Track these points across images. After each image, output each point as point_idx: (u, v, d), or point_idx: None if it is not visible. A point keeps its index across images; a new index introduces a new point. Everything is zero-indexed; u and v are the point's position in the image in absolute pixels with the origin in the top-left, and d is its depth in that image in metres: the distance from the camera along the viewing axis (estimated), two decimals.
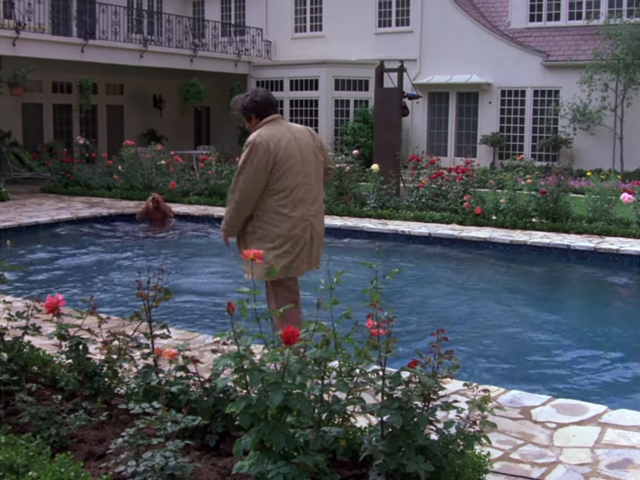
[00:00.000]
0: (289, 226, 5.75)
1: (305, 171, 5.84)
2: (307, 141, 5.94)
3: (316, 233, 5.93)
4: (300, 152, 5.83)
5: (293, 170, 5.76)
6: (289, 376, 3.34)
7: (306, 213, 5.82)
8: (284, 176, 5.73)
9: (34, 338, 5.13)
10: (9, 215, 16.16)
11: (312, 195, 5.90)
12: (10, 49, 21.39)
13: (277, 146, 5.70)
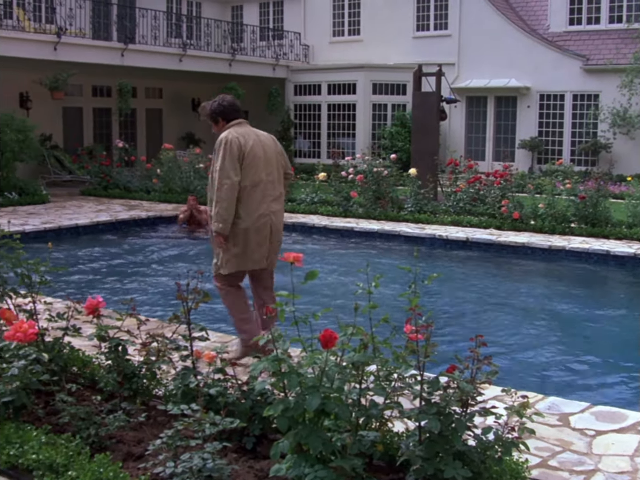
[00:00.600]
0: (251, 221, 6.13)
1: (268, 170, 6.26)
2: (270, 144, 6.38)
3: (276, 229, 6.31)
4: (264, 152, 6.26)
5: (258, 167, 6.17)
6: (327, 380, 3.35)
7: (267, 209, 6.21)
8: (250, 172, 6.13)
9: (73, 339, 5.19)
10: (49, 217, 16.35)
11: (275, 193, 6.32)
12: (52, 54, 21.64)
13: (246, 143, 6.13)
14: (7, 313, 4.85)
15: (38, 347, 4.80)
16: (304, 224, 15.97)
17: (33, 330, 4.36)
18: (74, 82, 23.71)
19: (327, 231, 15.62)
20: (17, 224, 14.36)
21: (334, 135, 29.27)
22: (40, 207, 18.39)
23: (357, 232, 15.31)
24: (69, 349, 5.20)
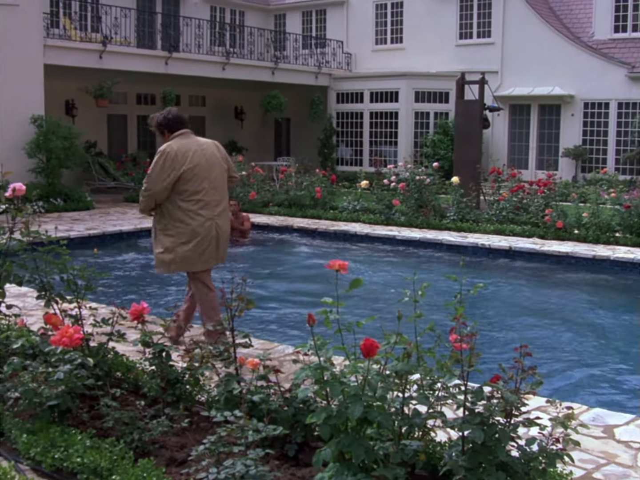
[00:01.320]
0: (197, 224, 6.61)
1: (210, 177, 6.72)
2: (212, 152, 6.86)
3: (221, 231, 6.80)
4: (206, 161, 6.72)
5: (199, 176, 6.63)
6: (370, 388, 3.34)
7: (211, 214, 6.69)
8: (191, 181, 6.58)
9: (118, 344, 5.24)
10: (94, 223, 16.53)
11: (217, 198, 6.79)
12: (97, 62, 21.90)
13: (185, 155, 6.61)
14: (54, 318, 4.91)
15: (83, 351, 4.85)
16: (346, 232, 15.97)
17: (79, 335, 4.41)
18: (118, 89, 23.98)
19: (369, 239, 15.60)
20: (63, 229, 14.53)
21: (376, 143, 29.26)
22: (84, 213, 18.61)
23: (399, 240, 15.27)
24: (113, 354, 5.24)
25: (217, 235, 6.75)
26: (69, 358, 4.53)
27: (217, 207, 6.77)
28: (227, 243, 6.98)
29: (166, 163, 6.57)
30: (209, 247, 6.71)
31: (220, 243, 6.81)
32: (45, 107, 20.12)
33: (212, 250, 6.75)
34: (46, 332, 5.05)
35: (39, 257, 5.24)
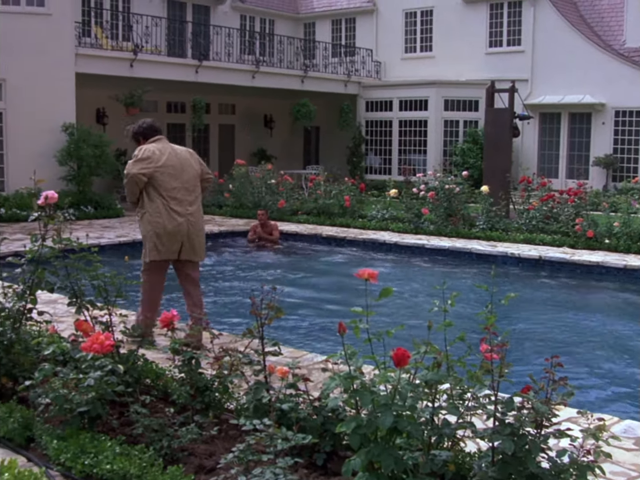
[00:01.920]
0: (170, 219, 7.14)
1: (182, 178, 7.29)
2: (185, 156, 7.45)
3: (194, 228, 7.31)
4: (179, 163, 7.31)
5: (172, 176, 7.21)
6: (400, 398, 3.33)
7: (185, 211, 7.23)
8: (165, 180, 7.16)
9: (147, 351, 5.26)
10: (123, 230, 16.64)
11: (190, 197, 7.34)
12: (128, 70, 22.09)
13: (159, 156, 7.22)
14: (84, 325, 4.94)
15: (113, 358, 4.87)
16: (375, 241, 15.95)
17: (109, 342, 4.44)
18: (149, 98, 24.14)
19: (397, 248, 15.57)
20: (93, 237, 14.63)
21: (405, 151, 29.22)
22: (115, 220, 18.75)
23: (428, 249, 15.22)
24: (142, 361, 5.27)
25: (189, 231, 7.25)
26: (99, 365, 4.55)
27: (190, 206, 7.31)
28: (202, 240, 7.48)
29: (144, 155, 7.21)
30: (176, 243, 7.22)
31: (193, 239, 7.31)
32: (77, 116, 20.32)
33: (186, 244, 7.28)
34: (77, 339, 5.08)
35: (71, 265, 5.27)
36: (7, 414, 4.76)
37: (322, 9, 33.51)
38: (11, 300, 5.27)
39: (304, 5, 34.25)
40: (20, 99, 19.48)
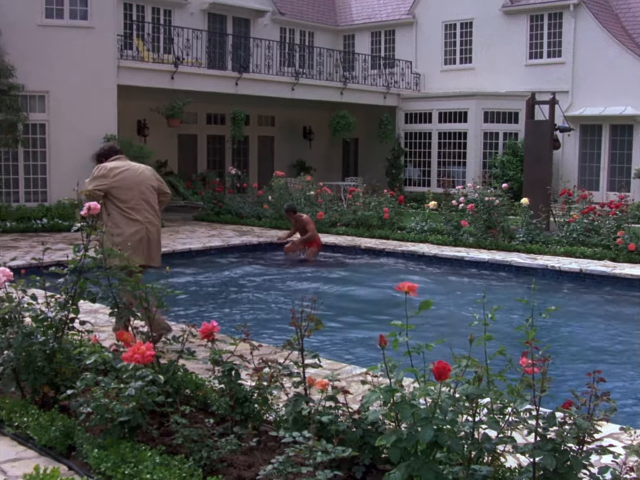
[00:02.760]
0: (129, 227, 7.83)
1: (139, 189, 7.99)
2: (141, 171, 8.18)
3: (152, 236, 7.96)
4: (135, 176, 8.04)
5: (129, 188, 7.92)
6: (441, 412, 3.31)
7: (142, 219, 7.89)
8: (122, 193, 7.87)
9: (187, 362, 5.29)
10: (164, 241, 16.61)
11: (147, 207, 7.99)
12: (169, 82, 22.30)
13: (115, 171, 7.96)
14: (126, 335, 4.98)
15: (154, 368, 4.90)
16: (414, 253, 15.90)
17: (150, 352, 4.46)
18: (189, 110, 24.35)
19: (437, 260, 15.51)
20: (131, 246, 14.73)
21: (444, 163, 29.14)
22: None
23: (467, 261, 15.14)
24: (182, 372, 5.29)
25: (148, 237, 7.93)
26: (140, 375, 4.58)
27: (149, 213, 8.02)
28: (159, 247, 8.16)
29: (100, 173, 7.97)
30: (140, 248, 7.82)
31: (151, 245, 7.98)
32: (118, 127, 20.53)
33: (145, 250, 7.90)
34: (118, 349, 5.12)
35: (112, 275, 5.32)
36: (48, 422, 4.81)
37: (362, 21, 33.59)
38: (54, 309, 5.33)
39: (344, 18, 34.35)
40: (63, 111, 19.75)
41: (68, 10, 19.85)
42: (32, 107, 19.72)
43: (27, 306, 5.37)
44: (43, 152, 19.80)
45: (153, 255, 8.02)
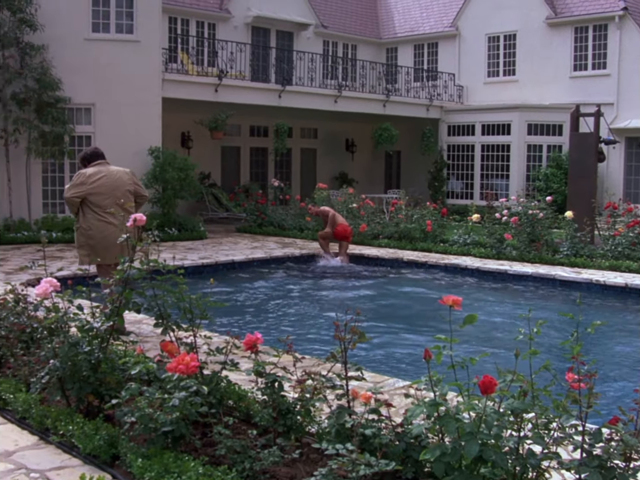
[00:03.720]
0: (105, 230, 8.67)
1: (114, 195, 8.79)
2: (119, 177, 8.94)
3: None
4: (111, 183, 8.83)
5: (104, 194, 8.76)
6: (486, 426, 3.29)
7: (117, 222, 8.08)
8: (98, 199, 8.73)
9: (230, 373, 5.31)
10: (207, 253, 16.87)
11: (121, 212, 8.08)
12: (213, 95, 22.48)
13: (93, 178, 8.79)
14: (170, 346, 5.02)
15: (197, 379, 4.93)
16: (457, 266, 15.82)
17: (195, 363, 4.49)
18: (232, 122, 24.53)
19: (479, 273, 15.41)
20: (177, 258, 14.85)
21: (487, 176, 28.98)
22: (198, 242, 19.03)
23: (510, 274, 15.02)
24: (225, 383, 5.31)
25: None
26: (184, 385, 4.61)
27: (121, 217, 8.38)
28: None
29: (78, 181, 8.83)
30: (115, 247, 8.20)
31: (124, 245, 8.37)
32: (162, 139, 20.73)
33: (111, 250, 8.54)
34: (162, 359, 5.16)
35: (157, 286, 5.37)
36: (93, 431, 4.86)
37: (405, 34, 33.61)
38: (99, 320, 5.38)
39: (386, 30, 34.40)
40: (108, 123, 20.00)
41: (114, 24, 20.12)
42: (78, 120, 20.00)
43: (73, 316, 5.44)
44: None
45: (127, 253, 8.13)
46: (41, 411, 5.32)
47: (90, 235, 8.76)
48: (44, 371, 5.37)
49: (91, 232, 8.77)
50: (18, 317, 6.47)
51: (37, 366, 5.78)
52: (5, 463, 4.76)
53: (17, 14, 18.41)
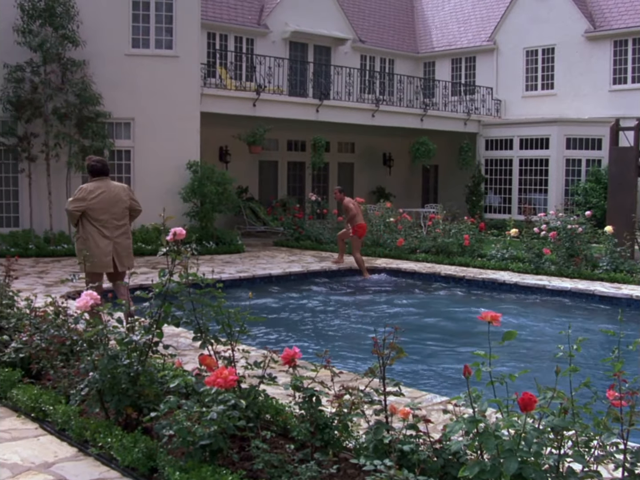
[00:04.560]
0: (100, 242, 9.57)
1: (111, 211, 9.65)
2: (117, 192, 9.73)
3: (120, 247, 9.72)
4: (109, 199, 9.63)
5: (102, 210, 9.57)
6: (525, 444, 3.26)
7: (112, 236, 9.64)
8: (96, 214, 9.55)
9: (268, 387, 5.32)
10: (244, 266, 16.93)
11: (117, 225, 9.69)
12: (251, 110, 22.61)
13: (93, 194, 9.56)
14: (208, 359, 5.04)
15: (235, 393, 4.94)
16: (494, 280, 15.72)
17: (233, 377, 4.50)
18: (270, 136, 24.62)
19: (517, 288, 15.29)
20: (215, 272, 14.93)
21: (525, 190, 28.79)
22: (235, 256, 19.10)
23: (549, 290, 14.89)
24: (263, 397, 5.32)
25: (116, 250, 9.68)
26: (222, 399, 4.62)
27: (117, 231, 9.71)
28: (128, 255, 9.87)
29: (79, 196, 9.59)
30: (107, 258, 9.59)
31: (120, 255, 9.74)
32: (201, 153, 20.88)
33: (110, 260, 9.64)
34: (200, 373, 5.18)
35: (196, 300, 5.40)
36: (132, 443, 4.89)
37: (442, 48, 33.58)
38: (138, 333, 5.42)
39: (424, 45, 34.40)
40: (147, 138, 20.19)
41: (154, 40, 20.34)
42: (117, 134, 20.21)
43: (112, 329, 5.49)
44: (128, 178, 20.24)
45: (122, 262, 9.79)
46: (80, 423, 5.37)
47: (88, 245, 9.54)
48: (83, 383, 5.42)
49: (88, 242, 9.57)
50: (58, 329, 6.54)
51: (76, 378, 5.83)
52: (44, 474, 4.81)
53: (60, 30, 18.69)
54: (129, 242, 9.99)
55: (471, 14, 33.86)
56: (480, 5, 33.76)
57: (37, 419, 5.85)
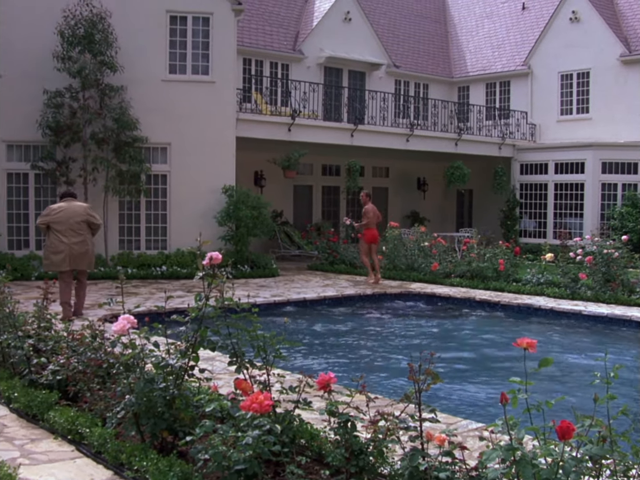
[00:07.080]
0: (58, 246, 12.43)
1: (68, 223, 12.47)
2: (74, 210, 12.62)
3: (76, 251, 12.50)
4: (67, 215, 12.52)
5: (61, 222, 12.45)
6: (563, 473, 3.24)
7: (69, 242, 12.44)
8: (57, 225, 12.43)
9: (302, 411, 5.32)
10: (278, 290, 16.97)
11: (73, 234, 12.49)
12: (286, 134, 22.74)
13: (55, 211, 12.56)
14: (244, 384, 5.05)
15: (270, 417, 4.95)
16: (530, 306, 15.60)
17: (268, 402, 4.51)
18: (304, 161, 24.74)
19: (553, 314, 15.16)
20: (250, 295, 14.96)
21: (560, 215, 28.60)
22: (270, 280, 19.15)
23: (585, 315, 14.74)
24: (298, 422, 5.32)
25: (71, 253, 12.44)
26: (257, 424, 4.63)
27: (74, 238, 12.48)
28: (85, 258, 12.62)
29: (45, 212, 12.67)
30: (66, 258, 12.44)
31: (76, 257, 12.51)
32: (236, 178, 21.01)
33: (71, 261, 12.49)
34: (236, 397, 5.20)
35: (232, 324, 5.43)
36: (167, 467, 4.90)
37: (477, 73, 33.58)
38: (175, 357, 5.46)
39: (458, 70, 34.43)
40: (183, 162, 20.38)
41: (190, 66, 20.58)
42: (154, 159, 20.43)
43: (148, 352, 5.53)
44: (164, 202, 20.43)
45: (78, 263, 12.58)
46: (116, 446, 5.40)
47: (51, 250, 12.49)
48: (119, 406, 5.46)
49: (52, 247, 12.48)
50: (95, 352, 6.61)
51: (112, 401, 5.88)
52: None
53: (98, 56, 18.97)
54: (87, 248, 12.64)
55: (505, 39, 33.85)
56: (514, 30, 33.75)
57: (73, 441, 5.90)
